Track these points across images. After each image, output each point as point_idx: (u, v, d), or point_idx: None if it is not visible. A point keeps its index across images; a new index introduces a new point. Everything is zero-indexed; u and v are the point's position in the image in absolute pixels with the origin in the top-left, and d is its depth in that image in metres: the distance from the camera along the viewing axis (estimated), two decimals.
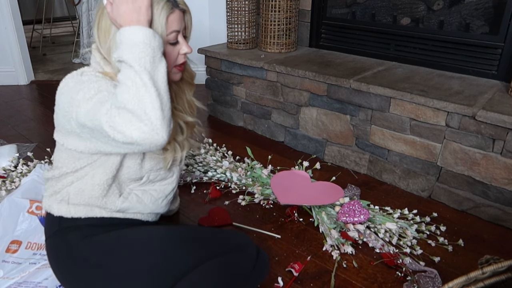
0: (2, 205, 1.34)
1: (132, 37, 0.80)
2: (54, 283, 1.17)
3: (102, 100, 0.83)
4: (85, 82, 0.88)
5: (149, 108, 0.77)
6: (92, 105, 0.83)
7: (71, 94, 0.87)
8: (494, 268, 0.88)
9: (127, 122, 0.76)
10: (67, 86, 0.90)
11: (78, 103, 0.84)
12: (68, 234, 0.98)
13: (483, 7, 1.79)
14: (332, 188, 1.58)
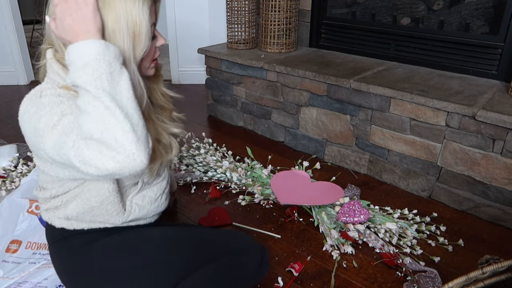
0: (2, 205, 1.34)
1: (81, 56, 0.69)
2: (54, 283, 1.17)
3: (66, 129, 0.72)
4: (46, 106, 0.76)
5: (119, 134, 0.68)
6: (57, 136, 0.73)
7: (33, 123, 0.76)
8: (494, 268, 0.88)
9: (97, 153, 0.67)
10: (28, 113, 0.78)
11: (42, 133, 0.74)
12: (71, 240, 0.96)
13: (483, 7, 1.79)
14: (332, 188, 1.58)
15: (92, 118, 0.68)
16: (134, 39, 0.76)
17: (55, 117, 0.74)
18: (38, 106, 0.77)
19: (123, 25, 0.74)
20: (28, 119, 0.77)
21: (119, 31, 0.74)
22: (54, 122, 0.73)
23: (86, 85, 0.68)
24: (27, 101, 0.81)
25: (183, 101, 1.06)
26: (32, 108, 0.77)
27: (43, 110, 0.76)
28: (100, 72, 0.68)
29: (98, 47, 0.69)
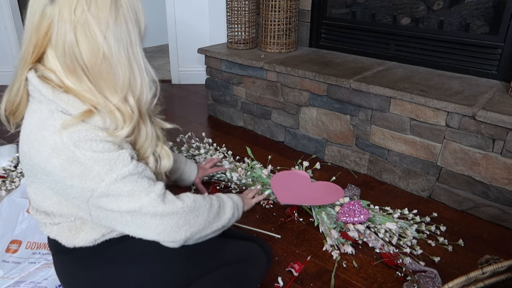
0: (2, 204, 1.34)
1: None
2: (54, 283, 1.17)
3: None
4: (96, 163, 0.72)
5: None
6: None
7: (86, 178, 0.72)
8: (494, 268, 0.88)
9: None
10: (71, 171, 0.72)
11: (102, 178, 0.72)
12: (78, 251, 0.91)
13: (483, 7, 1.79)
14: (332, 188, 1.58)
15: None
16: (139, 26, 0.75)
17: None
18: (85, 170, 0.71)
19: (131, 14, 0.73)
20: (76, 174, 0.72)
21: (130, 20, 0.73)
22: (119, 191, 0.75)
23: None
24: (61, 160, 0.71)
25: (183, 101, 1.05)
26: (74, 168, 0.71)
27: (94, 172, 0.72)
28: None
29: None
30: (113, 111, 0.74)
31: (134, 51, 0.73)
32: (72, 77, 0.73)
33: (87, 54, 0.70)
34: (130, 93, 0.75)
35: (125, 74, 0.73)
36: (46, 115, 0.72)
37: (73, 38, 0.69)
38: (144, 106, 0.78)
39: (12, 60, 3.10)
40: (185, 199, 0.84)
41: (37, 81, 0.73)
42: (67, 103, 0.72)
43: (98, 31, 0.69)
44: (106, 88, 0.73)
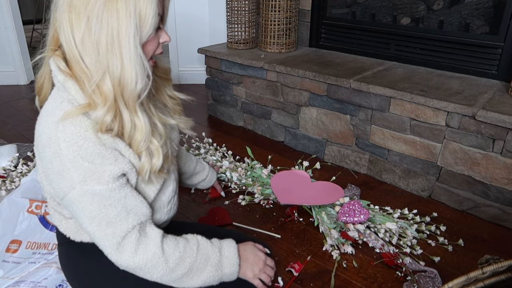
0: (2, 204, 1.34)
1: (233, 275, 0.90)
2: (54, 283, 1.17)
3: (116, 217, 0.76)
4: (89, 168, 0.72)
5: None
6: (96, 209, 0.74)
7: (70, 174, 0.73)
8: (494, 268, 0.88)
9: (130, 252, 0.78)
10: (60, 155, 0.72)
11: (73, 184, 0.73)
12: (81, 245, 0.93)
13: (483, 7, 1.79)
14: (332, 188, 1.58)
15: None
16: (138, 21, 0.73)
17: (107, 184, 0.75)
18: (63, 169, 0.72)
19: (132, 5, 0.72)
20: (59, 163, 0.72)
21: (126, 8, 0.72)
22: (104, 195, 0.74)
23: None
24: (70, 144, 0.71)
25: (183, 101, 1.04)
26: (55, 164, 0.73)
27: (85, 171, 0.72)
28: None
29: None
30: (94, 88, 0.73)
31: (121, 39, 0.72)
32: (71, 60, 0.75)
33: (75, 32, 0.71)
34: (108, 76, 0.73)
35: (102, 59, 0.72)
36: (57, 102, 0.75)
37: (66, 18, 0.71)
38: (129, 95, 0.75)
39: (12, 60, 3.10)
40: (143, 253, 0.80)
41: (55, 68, 0.76)
42: (76, 91, 0.74)
43: (83, 11, 0.70)
44: (88, 65, 0.73)
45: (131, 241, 0.78)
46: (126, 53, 0.72)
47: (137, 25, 0.73)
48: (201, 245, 0.88)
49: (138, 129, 0.78)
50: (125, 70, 0.73)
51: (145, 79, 0.76)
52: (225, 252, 0.90)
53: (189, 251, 0.85)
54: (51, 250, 1.30)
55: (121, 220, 0.77)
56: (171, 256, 0.82)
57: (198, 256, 0.85)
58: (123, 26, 0.71)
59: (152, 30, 0.76)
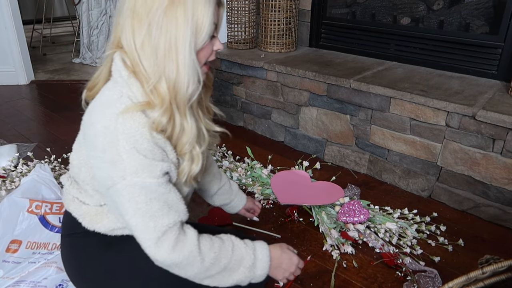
0: (2, 204, 1.34)
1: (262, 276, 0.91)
2: (54, 282, 1.17)
3: (158, 210, 0.78)
4: (149, 159, 0.76)
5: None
6: (143, 202, 0.77)
7: (119, 167, 0.76)
8: (494, 268, 0.88)
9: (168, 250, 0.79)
10: (112, 146, 0.75)
11: (124, 174, 0.75)
12: (90, 237, 0.92)
13: (483, 7, 1.79)
14: (332, 188, 1.58)
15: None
16: (195, 28, 0.78)
17: (157, 172, 0.77)
18: (118, 159, 0.75)
19: (190, 14, 0.77)
20: (111, 155, 0.75)
21: (184, 16, 0.76)
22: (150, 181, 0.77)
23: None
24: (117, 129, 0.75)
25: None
26: (109, 153, 0.75)
27: (136, 162, 0.75)
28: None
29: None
30: (152, 90, 0.78)
31: (178, 45, 0.76)
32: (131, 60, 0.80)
33: (136, 36, 0.77)
34: (164, 79, 0.77)
35: (160, 63, 0.77)
36: (116, 96, 0.78)
37: (129, 23, 0.77)
38: (181, 98, 0.79)
39: (12, 60, 3.10)
40: (180, 250, 0.81)
41: (120, 63, 0.80)
42: (137, 89, 0.78)
43: (145, 18, 0.75)
44: (146, 68, 0.78)
45: (170, 238, 0.80)
46: (182, 58, 0.77)
47: (193, 32, 0.77)
48: (235, 245, 0.89)
49: (186, 132, 0.82)
50: (180, 75, 0.77)
51: (196, 83, 0.80)
52: (259, 255, 0.91)
53: (224, 252, 0.86)
54: (51, 250, 1.30)
55: (163, 215, 0.79)
56: (206, 256, 0.84)
57: (232, 257, 0.87)
58: (180, 32, 0.76)
59: (208, 38, 0.80)
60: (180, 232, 0.82)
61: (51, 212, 1.38)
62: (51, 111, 2.64)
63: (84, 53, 3.80)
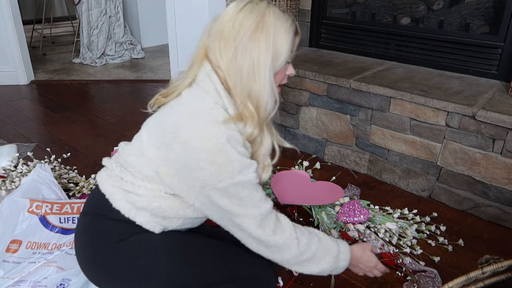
0: (2, 204, 1.34)
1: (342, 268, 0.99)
2: (54, 282, 1.17)
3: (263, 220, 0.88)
4: (234, 157, 0.85)
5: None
6: (257, 219, 0.87)
7: (220, 171, 0.84)
8: (494, 268, 0.88)
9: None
10: (211, 156, 0.84)
11: (224, 176, 0.84)
12: (110, 223, 0.95)
13: (483, 7, 1.79)
14: (332, 188, 1.58)
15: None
16: (275, 54, 0.88)
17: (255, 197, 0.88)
18: (227, 161, 0.84)
19: (271, 41, 0.87)
20: (210, 160, 0.84)
21: (266, 43, 0.87)
22: (254, 203, 0.88)
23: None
24: (212, 140, 0.84)
25: None
26: (218, 157, 0.84)
27: (235, 168, 0.85)
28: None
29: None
30: (242, 109, 0.89)
31: (260, 68, 0.87)
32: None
33: (223, 57, 0.88)
34: (249, 100, 0.89)
35: (244, 83, 0.88)
36: (210, 105, 0.87)
37: (217, 46, 0.89)
38: (261, 116, 0.92)
39: (12, 60, 3.10)
40: (281, 233, 0.91)
41: (215, 76, 0.89)
42: (229, 103, 0.89)
43: (232, 42, 0.87)
44: (232, 89, 0.89)
45: (270, 222, 0.89)
46: (262, 80, 0.88)
47: (273, 57, 0.88)
48: (321, 236, 0.97)
49: (264, 146, 0.96)
50: (261, 95, 0.89)
51: (273, 103, 0.94)
52: (341, 248, 0.98)
53: (314, 239, 0.95)
54: (51, 250, 1.30)
55: (262, 202, 0.89)
56: (301, 240, 0.92)
57: (320, 245, 0.95)
58: (261, 57, 0.87)
59: (284, 63, 0.92)
60: (277, 217, 0.92)
61: (52, 212, 1.38)
62: (51, 111, 2.64)
63: (84, 53, 3.80)
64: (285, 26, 0.89)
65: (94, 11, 3.68)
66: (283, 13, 0.92)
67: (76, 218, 1.41)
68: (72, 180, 1.76)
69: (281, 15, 0.90)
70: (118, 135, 2.26)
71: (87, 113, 2.61)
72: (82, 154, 2.05)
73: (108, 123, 2.45)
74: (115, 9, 3.81)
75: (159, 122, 0.92)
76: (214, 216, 0.91)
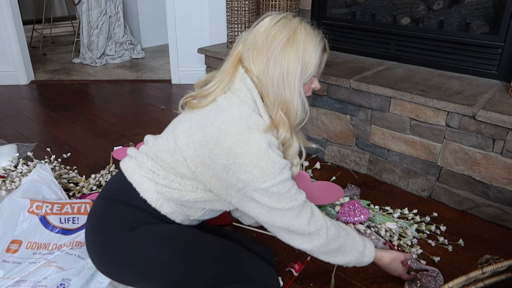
0: (3, 204, 1.34)
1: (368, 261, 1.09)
2: (54, 282, 1.17)
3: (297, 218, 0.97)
4: (278, 170, 0.93)
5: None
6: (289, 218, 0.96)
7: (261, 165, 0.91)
8: (494, 268, 0.88)
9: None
10: (254, 160, 0.91)
11: (267, 179, 0.92)
12: (128, 209, 0.99)
13: (483, 7, 1.79)
14: (332, 188, 1.59)
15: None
16: (303, 66, 0.96)
17: (288, 197, 0.96)
18: (269, 164, 0.91)
19: (301, 54, 0.94)
20: (253, 166, 0.91)
21: (296, 55, 0.94)
22: (289, 205, 0.95)
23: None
24: (258, 147, 0.91)
25: None
26: (261, 161, 0.91)
27: (278, 173, 0.93)
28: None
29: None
30: (275, 116, 0.96)
31: (290, 78, 0.94)
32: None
33: (255, 65, 0.95)
34: (280, 107, 0.96)
35: (275, 91, 0.95)
36: (248, 112, 0.94)
37: (250, 55, 0.96)
38: (293, 122, 0.99)
39: (12, 60, 3.10)
40: (314, 222, 0.99)
41: (251, 84, 0.96)
42: (264, 111, 0.96)
43: (265, 53, 0.94)
44: (264, 97, 0.97)
45: (306, 212, 0.98)
46: (291, 90, 0.95)
47: (302, 69, 0.95)
48: (350, 231, 1.06)
49: (293, 148, 1.04)
50: (290, 102, 0.96)
51: (303, 113, 1.00)
52: (367, 244, 1.08)
53: (342, 232, 1.04)
54: (51, 251, 1.30)
55: (298, 195, 0.97)
56: (330, 230, 1.01)
57: (348, 239, 1.04)
58: (291, 68, 0.94)
59: (311, 76, 0.99)
60: (311, 208, 1.00)
61: (52, 213, 1.38)
62: (51, 111, 2.64)
63: (84, 53, 3.80)
64: (314, 41, 0.97)
65: (94, 11, 3.68)
66: (314, 30, 1.00)
67: (76, 218, 1.41)
68: (72, 180, 1.76)
69: (311, 32, 0.98)
70: (118, 135, 2.26)
71: (87, 113, 2.62)
72: (82, 154, 2.05)
73: (108, 123, 2.45)
74: (115, 9, 3.81)
75: (199, 125, 0.96)
76: (251, 211, 0.97)
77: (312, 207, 1.01)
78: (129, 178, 1.00)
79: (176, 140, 0.98)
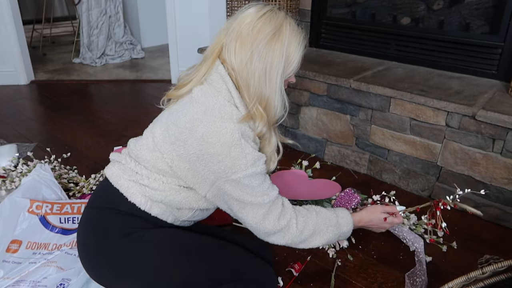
0: (3, 204, 1.34)
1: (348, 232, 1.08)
2: (54, 282, 1.17)
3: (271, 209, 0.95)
4: (250, 162, 0.91)
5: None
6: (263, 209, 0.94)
7: (230, 166, 0.90)
8: (494, 268, 0.88)
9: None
10: (224, 154, 0.89)
11: (238, 169, 0.90)
12: (119, 216, 0.97)
13: (483, 7, 1.79)
14: (329, 184, 1.59)
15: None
16: (286, 62, 0.96)
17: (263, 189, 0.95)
18: (241, 154, 0.90)
19: (285, 50, 0.94)
20: (222, 158, 0.89)
21: (280, 51, 0.93)
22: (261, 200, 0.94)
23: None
24: (227, 138, 0.89)
25: None
26: (233, 151, 0.89)
27: (246, 156, 0.90)
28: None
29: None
30: (252, 109, 0.93)
31: (272, 73, 0.93)
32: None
33: (238, 58, 0.93)
34: (259, 101, 0.94)
35: (255, 85, 0.93)
36: (223, 103, 0.92)
37: (233, 45, 0.93)
38: (271, 118, 0.98)
39: (12, 60, 3.10)
40: (283, 216, 0.98)
41: (226, 76, 0.94)
42: (240, 102, 0.93)
43: (249, 45, 0.91)
44: (243, 89, 0.94)
45: (277, 207, 0.96)
46: (273, 86, 0.94)
47: (285, 66, 0.95)
48: (319, 210, 1.05)
49: (271, 144, 1.05)
50: (270, 98, 0.95)
51: (283, 110, 1.00)
52: (340, 213, 1.06)
53: (311, 215, 1.02)
54: (51, 250, 1.30)
55: (271, 190, 0.96)
56: (299, 219, 0.99)
57: (318, 219, 1.02)
58: (274, 63, 0.93)
59: (292, 73, 1.01)
60: (283, 204, 0.99)
61: (52, 213, 1.38)
62: (51, 111, 2.64)
63: (84, 53, 3.80)
64: (298, 39, 0.97)
65: (94, 11, 3.68)
66: (298, 26, 0.99)
67: (76, 218, 1.41)
68: (72, 180, 1.76)
69: (295, 28, 0.97)
70: (118, 135, 2.26)
71: (87, 113, 2.62)
72: (82, 154, 2.05)
73: (108, 123, 2.45)
74: (115, 9, 3.81)
75: (174, 118, 0.95)
76: (224, 206, 0.97)
77: (284, 201, 1.00)
78: (115, 184, 0.99)
79: (153, 137, 0.98)
